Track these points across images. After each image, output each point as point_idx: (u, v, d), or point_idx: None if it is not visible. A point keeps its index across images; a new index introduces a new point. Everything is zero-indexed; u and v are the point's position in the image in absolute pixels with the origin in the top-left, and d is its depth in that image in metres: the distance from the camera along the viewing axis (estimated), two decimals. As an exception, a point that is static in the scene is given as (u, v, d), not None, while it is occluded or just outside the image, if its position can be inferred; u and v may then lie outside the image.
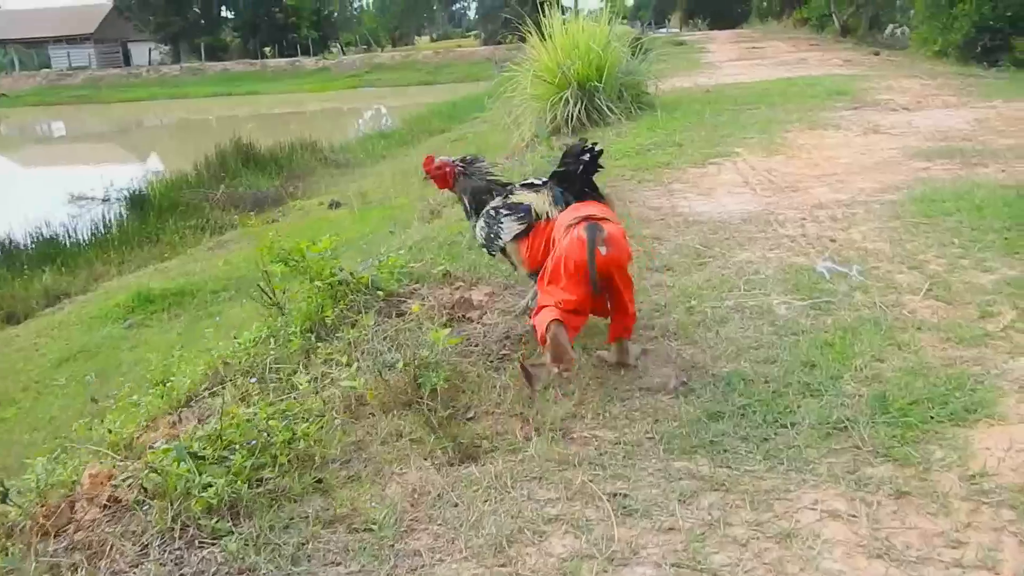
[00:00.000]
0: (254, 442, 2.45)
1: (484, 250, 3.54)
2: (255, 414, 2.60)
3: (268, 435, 2.50)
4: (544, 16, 9.84)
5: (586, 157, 3.20)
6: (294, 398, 2.76)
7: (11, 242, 12.48)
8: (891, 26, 25.68)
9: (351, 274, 3.77)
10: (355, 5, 72.90)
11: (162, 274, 10.58)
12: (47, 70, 51.73)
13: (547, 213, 3.25)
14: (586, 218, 2.86)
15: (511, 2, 9.94)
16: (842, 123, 8.29)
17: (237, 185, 15.96)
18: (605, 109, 9.38)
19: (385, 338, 3.26)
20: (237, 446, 2.47)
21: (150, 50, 55.99)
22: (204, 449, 2.40)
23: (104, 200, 16.03)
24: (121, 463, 2.60)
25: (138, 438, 3.23)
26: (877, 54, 18.81)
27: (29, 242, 12.68)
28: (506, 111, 10.36)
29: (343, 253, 8.29)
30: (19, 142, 34.99)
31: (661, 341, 3.22)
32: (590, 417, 2.66)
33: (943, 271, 3.70)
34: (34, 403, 6.61)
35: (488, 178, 3.46)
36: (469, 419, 2.75)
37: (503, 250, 3.43)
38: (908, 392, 2.55)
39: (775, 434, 2.41)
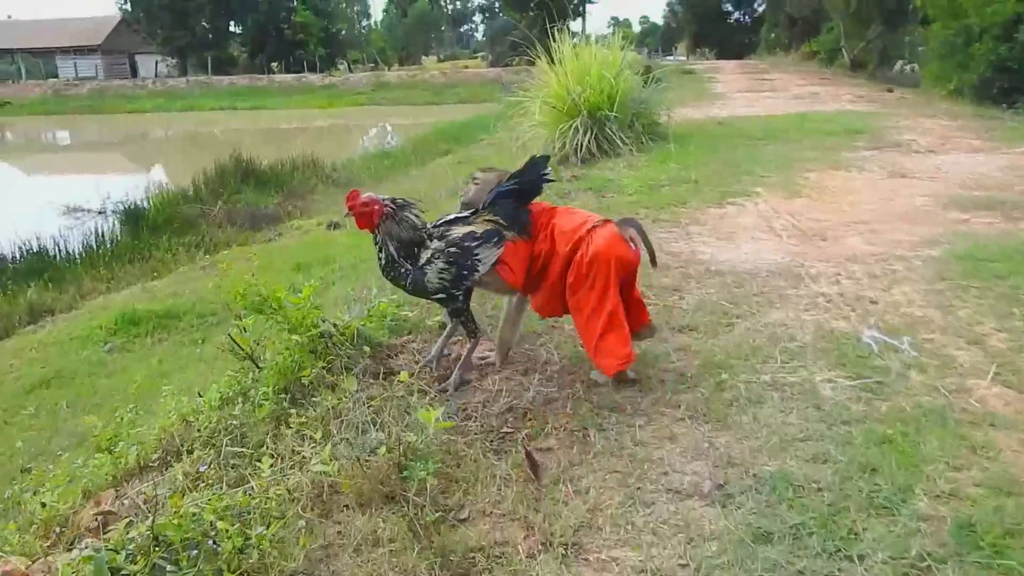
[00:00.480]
0: (195, 552, 2.00)
1: (434, 295, 3.06)
2: (203, 506, 2.15)
3: (215, 541, 2.05)
4: (554, 41, 9.48)
5: (547, 172, 3.13)
6: (251, 492, 2.30)
7: (-2, 258, 12.00)
8: (900, 62, 25.39)
9: (335, 325, 3.33)
10: (363, 24, 73.06)
11: (150, 294, 10.14)
12: (53, 80, 51.56)
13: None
14: (605, 220, 3.27)
15: (520, 24, 9.52)
16: (865, 164, 7.89)
17: (236, 202, 15.54)
18: (616, 139, 8.98)
19: (369, 407, 2.81)
20: (177, 549, 2.03)
21: (157, 63, 55.91)
22: (134, 562, 1.94)
23: (100, 212, 15.63)
24: (37, 564, 2.14)
25: (76, 514, 2.78)
26: (891, 91, 18.48)
27: (17, 255, 12.20)
28: (513, 136, 9.95)
29: (337, 280, 7.91)
30: (23, 150, 34.69)
31: (689, 424, 2.77)
32: (608, 529, 2.20)
33: (1008, 349, 3.26)
34: (-5, 437, 6.13)
35: (415, 230, 3.01)
36: (462, 520, 2.29)
37: (467, 289, 3.10)
38: (999, 519, 2.09)
39: (839, 571, 1.95)
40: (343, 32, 62.37)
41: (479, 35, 76.38)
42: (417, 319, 3.82)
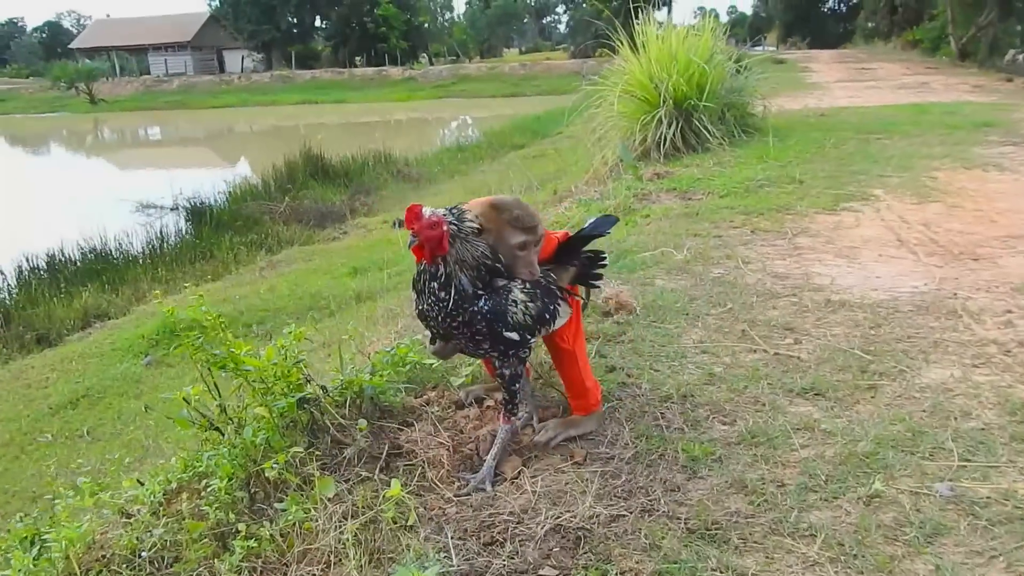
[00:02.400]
0: None
1: (508, 334, 2.19)
2: None
3: None
4: (637, 26, 8.46)
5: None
6: None
7: (60, 255, 11.65)
8: (1012, 51, 23.25)
9: (323, 388, 2.47)
10: (446, 17, 72.78)
11: (202, 298, 9.57)
12: (145, 76, 52.82)
13: None
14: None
15: (603, 14, 8.55)
16: (1005, 162, 6.63)
17: (303, 198, 15.04)
18: (705, 132, 7.91)
19: (342, 532, 1.94)
20: None
21: (243, 58, 56.79)
22: None
23: (172, 209, 15.35)
24: None
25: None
26: (1010, 80, 16.74)
27: (76, 254, 11.84)
28: (589, 128, 8.97)
29: (392, 288, 7.10)
30: (116, 146, 35.46)
31: (832, 572, 1.80)
32: None
33: None
34: (5, 469, 5.54)
35: (485, 248, 2.17)
36: None
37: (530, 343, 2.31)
38: None
39: None
40: (425, 25, 62.16)
41: (562, 27, 75.17)
42: (443, 369, 2.93)
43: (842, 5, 51.40)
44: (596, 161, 8.47)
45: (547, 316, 2.26)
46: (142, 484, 2.37)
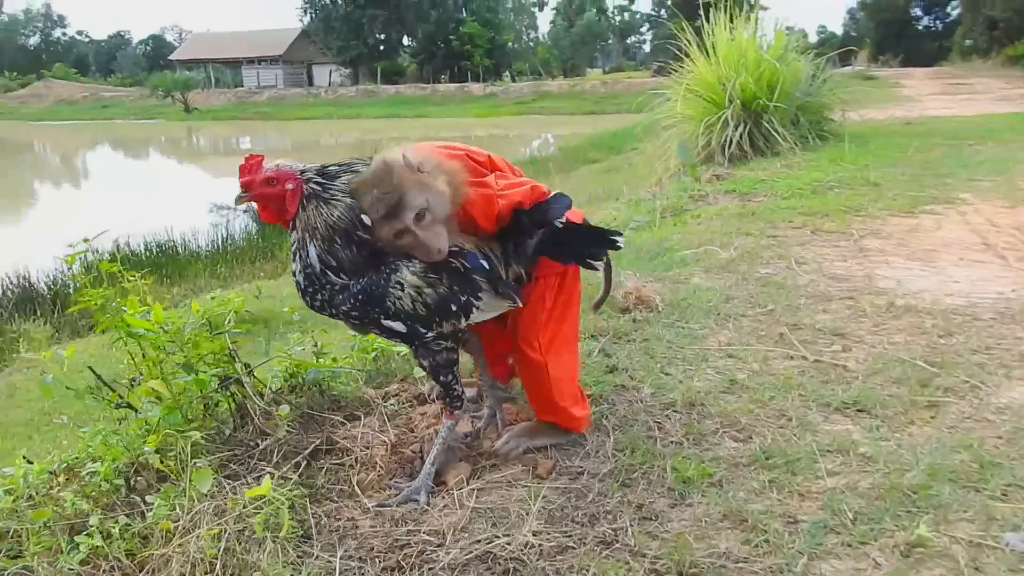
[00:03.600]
0: None
1: (391, 325, 1.73)
2: None
3: None
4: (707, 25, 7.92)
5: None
6: None
7: (127, 247, 11.72)
8: None
9: (247, 366, 2.07)
10: (530, 36, 72.95)
11: (253, 295, 9.42)
12: (237, 88, 54.43)
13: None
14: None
15: (685, 33, 8.01)
16: (1118, 168, 5.84)
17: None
18: (775, 135, 7.29)
19: (209, 535, 1.51)
20: None
21: (331, 72, 57.95)
22: None
23: (244, 211, 15.46)
24: None
25: None
26: (1126, 95, 15.43)
27: (142, 248, 11.94)
28: (658, 141, 8.45)
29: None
30: (207, 153, 36.55)
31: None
32: None
33: None
34: (13, 448, 5.33)
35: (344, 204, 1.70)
36: None
37: (454, 332, 1.83)
38: None
39: None
40: (509, 44, 62.35)
41: (646, 47, 74.54)
42: (409, 358, 2.49)
43: (937, 22, 49.13)
44: (659, 166, 7.96)
45: (452, 307, 1.74)
46: (30, 463, 2.00)
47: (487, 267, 1.78)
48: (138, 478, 1.81)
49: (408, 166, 1.66)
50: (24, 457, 2.04)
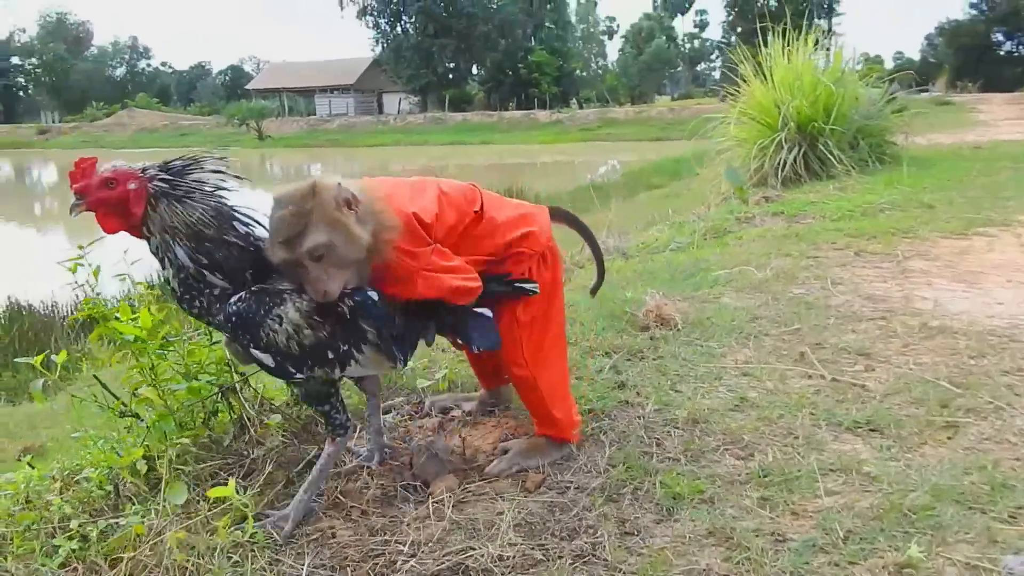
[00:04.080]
0: None
1: (259, 355, 1.62)
2: None
3: None
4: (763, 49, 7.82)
5: None
6: None
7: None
8: None
9: (241, 375, 2.09)
10: (598, 64, 73.25)
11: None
12: (310, 116, 55.97)
13: None
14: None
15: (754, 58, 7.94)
16: None
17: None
18: (831, 158, 7.12)
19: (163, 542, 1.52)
20: None
21: (400, 100, 59.10)
22: None
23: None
24: None
25: None
26: None
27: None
28: (711, 165, 8.36)
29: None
30: (278, 179, 37.56)
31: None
32: None
33: None
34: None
35: (220, 211, 1.60)
36: None
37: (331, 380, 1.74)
38: None
39: None
40: (577, 71, 62.70)
41: (716, 74, 73.96)
42: (421, 373, 2.48)
43: (1020, 47, 47.56)
44: (710, 189, 7.86)
45: (329, 355, 1.63)
46: (32, 468, 2.06)
47: (375, 300, 1.65)
48: (129, 484, 1.84)
49: (336, 199, 1.56)
50: (28, 463, 2.10)
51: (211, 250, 1.55)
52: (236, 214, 1.62)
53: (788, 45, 7.74)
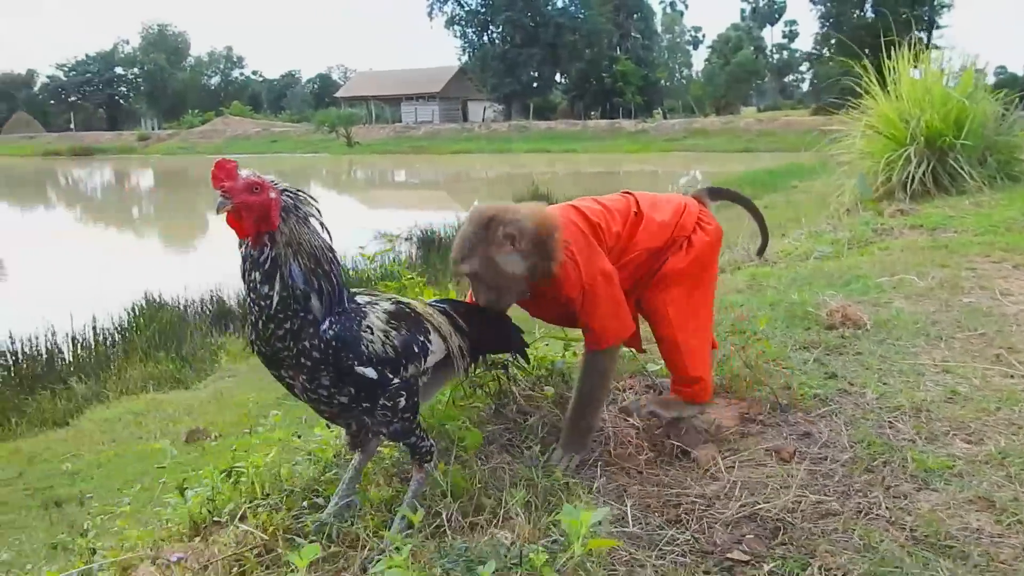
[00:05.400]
0: None
1: (364, 371, 1.64)
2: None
3: None
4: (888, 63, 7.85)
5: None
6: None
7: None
8: None
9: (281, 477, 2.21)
10: (683, 73, 72.78)
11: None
12: (396, 123, 57.24)
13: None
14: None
15: (852, 70, 8.04)
16: None
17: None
18: (962, 173, 7.14)
19: (501, 485, 1.80)
20: None
21: (484, 108, 59.88)
22: None
23: (406, 239, 16.21)
24: None
25: None
26: None
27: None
28: (831, 178, 8.44)
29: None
30: (364, 185, 38.50)
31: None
32: None
33: None
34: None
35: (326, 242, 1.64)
36: None
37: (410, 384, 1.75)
38: None
39: None
40: (662, 81, 62.52)
41: (804, 86, 72.65)
42: (643, 359, 2.73)
43: None
44: (833, 202, 7.93)
45: (415, 349, 1.72)
46: (330, 428, 2.38)
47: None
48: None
49: (502, 235, 1.91)
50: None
51: (321, 277, 1.59)
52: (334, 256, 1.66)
53: (914, 59, 7.78)
